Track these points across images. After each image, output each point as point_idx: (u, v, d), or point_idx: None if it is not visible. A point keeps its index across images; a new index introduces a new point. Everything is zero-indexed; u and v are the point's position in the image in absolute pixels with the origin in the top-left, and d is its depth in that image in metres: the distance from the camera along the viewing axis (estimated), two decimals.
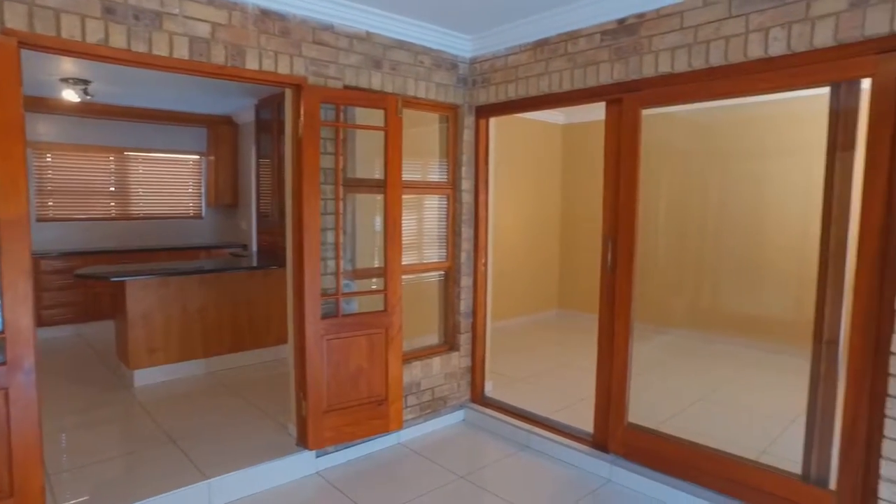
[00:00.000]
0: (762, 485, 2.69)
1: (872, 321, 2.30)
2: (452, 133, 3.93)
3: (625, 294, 3.12)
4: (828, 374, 2.52)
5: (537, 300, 7.09)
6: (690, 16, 2.73)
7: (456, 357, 4.00)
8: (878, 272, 2.28)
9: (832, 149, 2.46)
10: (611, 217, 3.17)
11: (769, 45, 2.48)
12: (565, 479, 3.19)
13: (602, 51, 3.09)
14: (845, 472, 2.42)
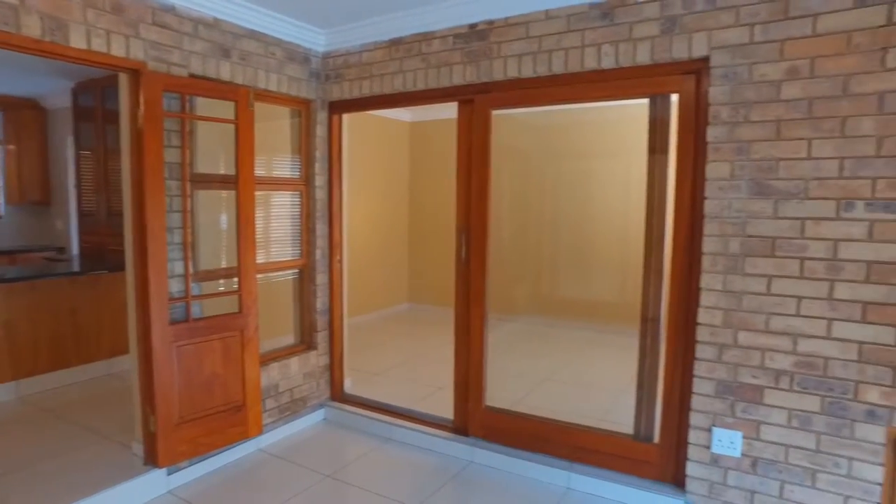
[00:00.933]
0: (603, 447, 3.04)
1: (683, 299, 2.73)
2: (305, 128, 3.85)
3: (479, 285, 3.31)
4: (651, 347, 2.93)
5: (389, 295, 7.19)
6: (535, 27, 2.98)
7: (314, 356, 3.94)
8: (687, 257, 2.71)
9: (651, 151, 2.85)
10: (464, 212, 3.35)
11: (601, 59, 2.80)
12: (429, 466, 3.32)
13: (455, 53, 3.24)
14: (666, 426, 2.85)
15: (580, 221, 5.42)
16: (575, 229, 5.49)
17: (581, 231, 5.43)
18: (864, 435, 2.38)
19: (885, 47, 2.23)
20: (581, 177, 5.48)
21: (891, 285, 2.28)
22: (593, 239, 5.33)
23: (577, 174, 5.53)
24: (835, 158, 2.34)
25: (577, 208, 5.44)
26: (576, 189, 5.50)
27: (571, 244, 5.55)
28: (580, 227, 5.43)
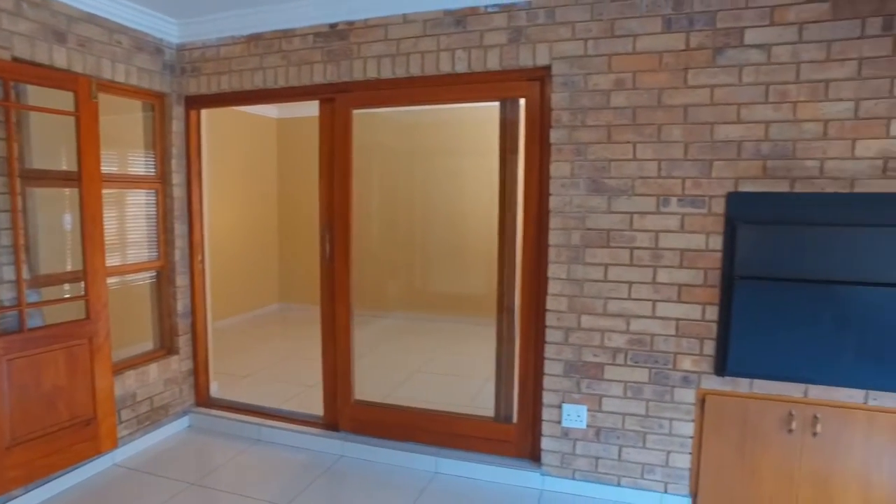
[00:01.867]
0: (468, 431, 3.22)
1: (534, 288, 2.98)
2: (159, 123, 3.65)
3: (343, 281, 3.36)
4: (508, 334, 3.16)
5: (259, 295, 6.98)
6: (394, 30, 3.07)
7: (176, 361, 3.75)
8: (535, 249, 2.95)
9: (503, 151, 3.07)
10: (327, 210, 3.37)
11: (456, 63, 2.96)
12: (300, 464, 3.31)
13: (315, 52, 3.24)
14: (522, 406, 3.09)
15: (448, 218, 5.64)
16: (444, 225, 5.70)
17: (449, 227, 5.65)
18: (680, 398, 2.76)
19: (686, 67, 2.61)
20: (448, 174, 5.70)
21: (698, 269, 2.67)
22: (460, 234, 5.57)
23: (444, 171, 5.74)
24: (654, 160, 2.69)
25: (445, 205, 5.65)
26: (444, 186, 5.70)
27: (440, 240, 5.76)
28: (448, 224, 5.65)
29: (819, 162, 2.53)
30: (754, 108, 2.58)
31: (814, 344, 2.53)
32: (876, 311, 2.46)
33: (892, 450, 2.56)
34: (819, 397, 2.62)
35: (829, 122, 2.50)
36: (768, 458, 2.70)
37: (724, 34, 2.58)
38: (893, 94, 2.42)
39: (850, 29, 2.45)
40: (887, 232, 2.43)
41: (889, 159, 2.45)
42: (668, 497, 2.85)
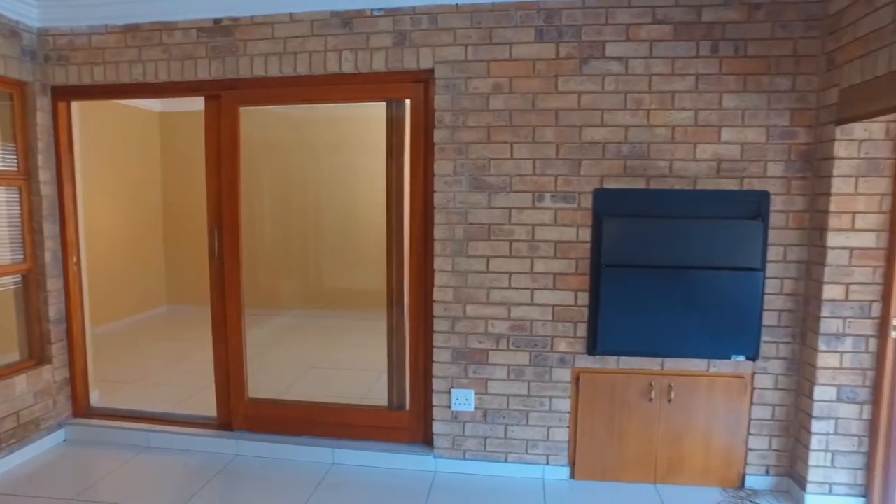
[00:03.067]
0: (364, 421, 3.32)
1: (421, 280, 3.13)
2: (20, 115, 3.38)
3: (234, 278, 3.32)
4: (398, 326, 3.29)
5: (145, 298, 6.62)
6: (280, 28, 3.08)
7: (48, 371, 3.51)
8: (422, 244, 3.11)
9: (390, 150, 3.19)
10: (215, 207, 3.31)
11: (343, 64, 3.03)
12: (193, 467, 3.24)
13: (199, 47, 3.17)
14: (414, 394, 3.24)
15: (342, 214, 5.68)
16: (337, 222, 5.73)
17: (343, 223, 5.69)
18: (558, 377, 3.04)
19: (557, 75, 2.87)
20: (341, 170, 5.73)
21: (570, 259, 2.95)
22: (353, 231, 5.63)
23: (336, 168, 5.77)
24: (529, 159, 2.93)
25: (338, 201, 5.68)
26: (336, 182, 5.73)
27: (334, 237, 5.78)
28: (342, 220, 5.69)
29: (669, 162, 2.88)
30: (615, 113, 2.88)
31: (667, 322, 2.89)
32: (714, 292, 2.85)
33: (726, 407, 2.99)
34: (672, 368, 3.00)
35: (676, 127, 2.86)
36: (633, 424, 3.04)
37: (588, 46, 2.86)
38: (722, 105, 2.82)
39: (688, 49, 2.82)
40: (722, 223, 2.83)
41: (722, 161, 2.85)
42: (549, 468, 3.11)
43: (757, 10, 2.78)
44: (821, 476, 2.84)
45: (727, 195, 2.85)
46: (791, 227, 2.86)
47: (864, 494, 2.82)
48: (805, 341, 2.88)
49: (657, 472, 3.07)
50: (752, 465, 3.03)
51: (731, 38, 2.80)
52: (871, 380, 2.75)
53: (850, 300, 2.72)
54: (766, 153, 2.84)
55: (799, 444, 2.92)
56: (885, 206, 2.66)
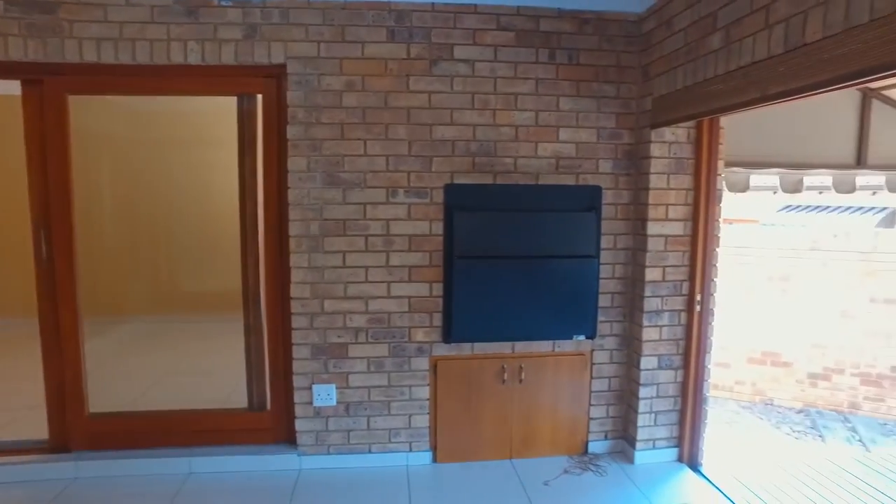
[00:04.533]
0: (223, 425, 3.21)
1: (277, 277, 3.09)
2: None
3: (68, 283, 3.04)
4: (256, 325, 3.22)
5: None
6: (114, 11, 2.85)
7: None
8: (277, 241, 3.07)
9: (242, 145, 3.11)
10: (41, 205, 3.00)
11: (188, 55, 2.89)
12: (16, 500, 2.91)
13: (11, 22, 2.84)
14: (275, 393, 3.19)
15: (194, 212, 5.37)
16: (189, 220, 5.41)
17: (196, 223, 5.38)
18: (416, 366, 3.15)
19: (408, 74, 2.98)
20: (194, 167, 5.42)
21: (424, 252, 3.08)
22: (207, 229, 5.35)
23: (189, 164, 5.44)
24: (383, 156, 3.01)
25: (190, 198, 5.36)
26: (189, 180, 5.40)
27: (187, 236, 5.45)
28: (195, 219, 5.38)
29: (513, 159, 3.11)
30: (464, 112, 3.05)
31: (516, 308, 3.11)
32: (556, 279, 3.12)
33: (570, 382, 3.30)
34: (522, 351, 3.24)
35: (519, 127, 3.09)
36: (488, 406, 3.24)
37: (437, 48, 2.99)
38: (559, 108, 3.10)
39: (529, 55, 3.06)
40: (562, 215, 3.11)
41: (560, 159, 3.13)
42: (413, 455, 3.22)
43: (586, 23, 3.08)
44: (647, 434, 3.23)
45: (565, 189, 3.14)
46: (619, 217, 3.22)
47: (677, 445, 3.26)
48: (633, 319, 3.25)
49: (513, 448, 3.30)
50: (594, 432, 3.36)
51: (565, 47, 3.08)
52: (682, 348, 3.19)
53: (666, 281, 3.13)
54: (598, 152, 3.17)
55: (630, 410, 3.29)
56: (689, 199, 3.10)
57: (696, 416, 3.19)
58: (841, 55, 1.84)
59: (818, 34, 1.93)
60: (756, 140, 3.61)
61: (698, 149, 3.05)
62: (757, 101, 2.26)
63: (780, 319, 6.50)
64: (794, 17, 2.03)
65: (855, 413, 6.31)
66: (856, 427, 6.00)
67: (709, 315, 3.13)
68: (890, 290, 6.15)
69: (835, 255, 6.30)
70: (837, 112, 3.66)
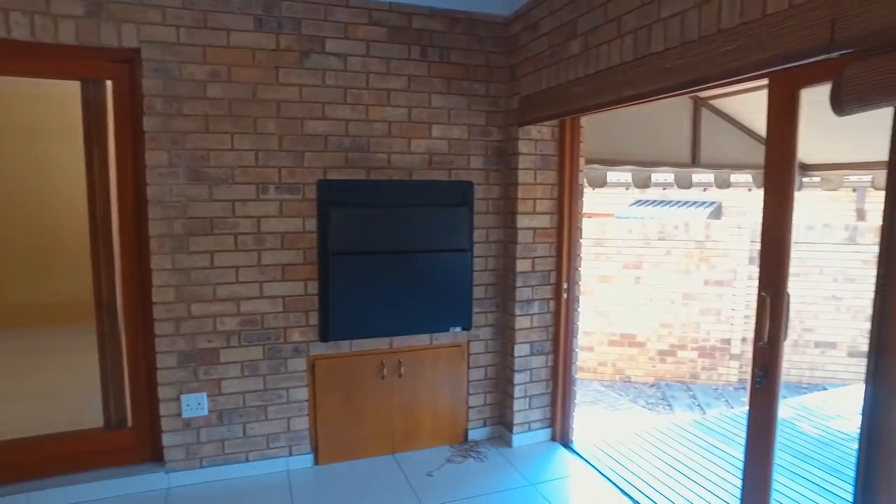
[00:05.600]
0: (75, 449, 2.89)
1: (136, 281, 2.84)
2: None
3: None
4: (112, 335, 2.93)
5: None
6: None
7: None
8: (135, 241, 2.82)
9: (89, 136, 2.80)
10: None
11: (12, 28, 2.50)
12: None
13: None
14: (137, 408, 2.93)
15: (33, 213, 4.75)
16: (27, 221, 4.77)
17: (36, 223, 4.76)
18: (293, 367, 3.06)
19: (278, 66, 2.87)
20: (28, 160, 4.79)
21: (298, 249, 2.99)
22: (49, 232, 4.76)
23: (21, 157, 4.79)
24: (252, 150, 2.87)
25: (27, 198, 4.73)
26: (23, 175, 4.76)
27: (23, 239, 4.81)
28: (33, 220, 4.76)
29: (387, 155, 3.11)
30: (336, 107, 3.00)
31: (393, 304, 3.13)
32: (432, 273, 3.18)
33: (448, 374, 3.39)
34: (401, 346, 3.27)
35: (392, 123, 3.10)
36: (369, 403, 3.23)
37: (308, 40, 2.91)
38: (431, 105, 3.16)
39: (401, 51, 3.08)
40: (436, 210, 3.17)
41: (433, 154, 3.20)
42: (293, 459, 3.12)
43: (457, 23, 3.16)
44: (523, 418, 3.41)
45: (439, 185, 3.21)
46: (490, 212, 3.35)
47: (550, 425, 3.48)
48: (506, 309, 3.41)
49: (395, 443, 3.32)
50: (473, 420, 3.48)
51: (437, 45, 3.14)
52: (552, 334, 3.40)
53: (536, 271, 3.32)
54: (469, 148, 3.27)
55: (506, 396, 3.45)
56: (554, 193, 3.30)
57: (566, 397, 3.43)
58: (679, 66, 2.07)
59: (661, 46, 2.15)
60: (612, 139, 3.93)
61: (561, 146, 3.27)
62: (612, 103, 2.47)
63: (634, 303, 7.16)
64: (641, 30, 2.24)
65: (695, 382, 7.12)
66: (696, 394, 6.78)
67: (574, 302, 3.37)
68: (719, 274, 7.01)
69: (677, 243, 7.07)
70: (678, 116, 4.09)
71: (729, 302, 7.06)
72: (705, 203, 10.20)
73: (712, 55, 1.92)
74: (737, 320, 7.02)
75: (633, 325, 7.21)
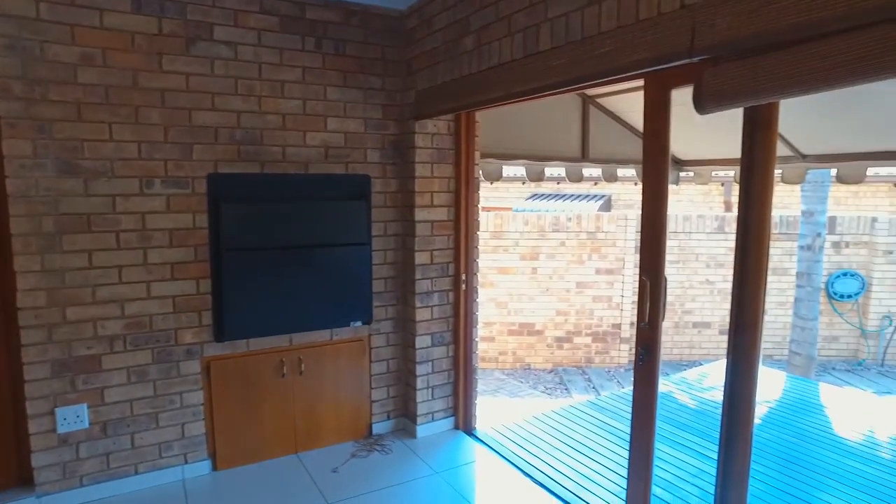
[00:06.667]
0: None
1: None
2: None
3: None
4: None
5: None
6: None
7: None
8: None
9: None
10: None
11: None
12: None
13: None
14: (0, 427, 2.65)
15: None
16: None
17: None
18: (187, 370, 2.91)
19: (161, 52, 2.70)
20: None
21: (188, 247, 2.84)
22: None
23: None
24: (134, 142, 2.69)
25: None
26: None
27: None
28: None
29: (282, 148, 3.03)
30: (227, 98, 2.87)
31: (292, 300, 3.06)
32: (331, 267, 3.15)
33: (350, 369, 3.37)
34: (301, 342, 3.20)
35: (287, 115, 3.02)
36: (269, 403, 3.14)
37: (195, 26, 2.76)
38: (327, 98, 3.11)
39: (295, 42, 3.00)
40: (333, 204, 3.13)
41: (329, 148, 3.15)
42: (189, 466, 2.97)
43: (352, 15, 3.13)
44: (426, 409, 3.46)
45: (336, 178, 3.17)
46: (388, 205, 3.36)
47: (453, 414, 3.57)
48: (406, 301, 3.44)
49: (298, 442, 3.25)
50: (377, 414, 3.49)
51: (332, 37, 3.09)
52: (452, 325, 3.48)
53: (435, 263, 3.37)
54: (366, 142, 3.26)
55: (409, 388, 3.49)
56: (451, 186, 3.37)
57: (467, 386, 3.52)
58: (564, 64, 2.18)
59: (548, 45, 2.26)
60: (507, 134, 4.06)
61: (457, 140, 3.34)
62: (504, 98, 2.56)
63: (532, 293, 7.46)
64: (530, 28, 2.34)
65: (590, 366, 7.55)
66: (591, 377, 7.19)
67: (473, 293, 3.46)
68: (609, 263, 7.47)
69: (570, 235, 7.44)
70: (568, 113, 4.31)
71: (619, 289, 7.54)
72: (596, 196, 10.81)
73: (593, 55, 2.05)
74: (626, 306, 7.51)
75: (532, 314, 7.51)
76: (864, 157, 3.66)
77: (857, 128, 3.54)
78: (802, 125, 3.62)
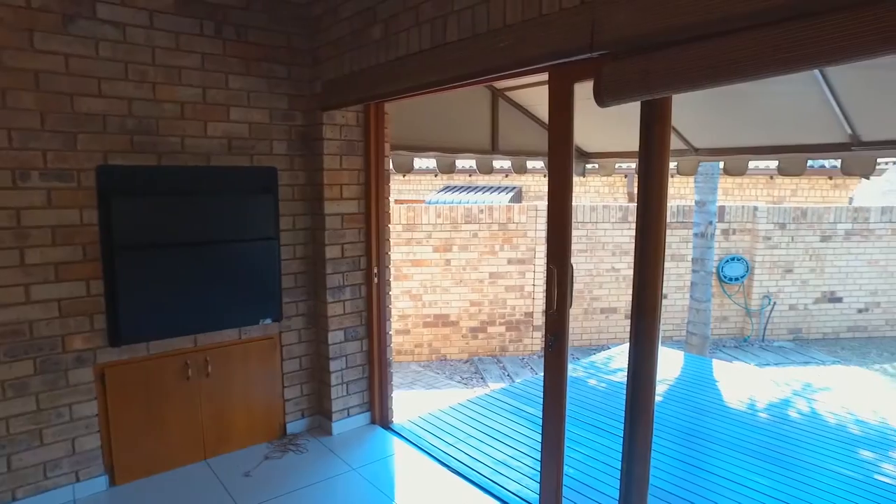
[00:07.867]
0: None
1: None
2: None
3: None
4: None
5: None
6: None
7: None
8: None
9: None
10: None
11: None
12: None
13: None
14: None
15: None
16: None
17: None
18: (77, 379, 2.68)
19: (32, 29, 2.44)
20: None
21: (75, 245, 2.61)
22: None
23: None
24: (3, 129, 2.42)
25: None
26: None
27: None
28: None
29: (181, 139, 2.85)
30: (116, 83, 2.66)
31: (195, 299, 2.90)
32: (237, 264, 3.01)
33: (261, 368, 3.24)
34: (206, 343, 3.04)
35: (185, 104, 2.85)
36: (173, 408, 2.96)
37: (73, 3, 2.52)
38: (229, 86, 2.96)
39: (193, 26, 2.82)
40: (238, 198, 2.99)
41: (232, 139, 3.00)
42: (82, 485, 2.75)
43: (255, 0, 2.99)
44: (341, 405, 3.40)
45: (240, 171, 3.03)
46: (296, 198, 3.26)
47: (369, 409, 3.53)
48: (317, 296, 3.36)
49: (206, 448, 3.09)
50: (290, 413, 3.39)
51: (233, 23, 2.94)
52: (365, 319, 3.44)
53: (346, 257, 3.31)
54: (272, 133, 3.13)
55: (323, 384, 3.41)
56: (361, 179, 3.32)
57: (383, 380, 3.49)
58: (470, 55, 2.20)
59: (455, 36, 2.26)
60: (417, 127, 4.05)
61: (367, 132, 3.28)
62: (412, 90, 2.54)
63: (446, 285, 7.53)
64: (437, 20, 2.33)
65: (504, 355, 7.74)
66: (505, 366, 7.38)
67: (386, 286, 3.44)
68: (520, 253, 7.68)
69: (483, 226, 7.57)
70: (478, 106, 4.36)
71: (531, 278, 7.77)
72: (507, 188, 11.07)
73: (498, 47, 2.08)
74: (538, 295, 7.76)
75: (446, 305, 7.58)
76: (746, 151, 3.98)
77: (740, 125, 3.85)
78: (695, 121, 3.88)
